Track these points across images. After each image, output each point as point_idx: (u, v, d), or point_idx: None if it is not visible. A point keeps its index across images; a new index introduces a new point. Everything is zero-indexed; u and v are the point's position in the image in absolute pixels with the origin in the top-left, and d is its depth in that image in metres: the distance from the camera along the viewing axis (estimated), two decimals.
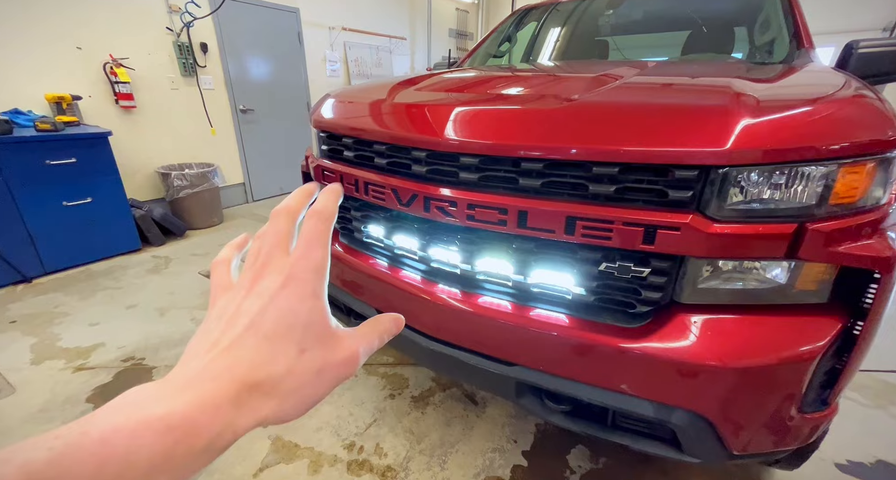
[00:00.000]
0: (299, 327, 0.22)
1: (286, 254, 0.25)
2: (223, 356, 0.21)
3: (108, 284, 2.53)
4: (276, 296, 0.23)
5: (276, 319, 0.22)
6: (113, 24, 3.07)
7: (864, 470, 1.29)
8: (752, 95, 0.80)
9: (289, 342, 0.22)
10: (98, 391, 1.63)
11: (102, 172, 2.72)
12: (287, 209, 0.27)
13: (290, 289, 0.23)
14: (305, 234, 0.25)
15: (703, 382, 0.81)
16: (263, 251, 0.25)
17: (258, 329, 0.22)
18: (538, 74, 1.31)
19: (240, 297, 0.24)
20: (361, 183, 1.12)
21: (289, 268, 0.24)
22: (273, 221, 0.27)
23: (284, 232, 0.26)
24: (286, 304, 0.23)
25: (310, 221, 0.26)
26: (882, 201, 0.75)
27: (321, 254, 0.25)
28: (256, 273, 0.24)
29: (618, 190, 0.79)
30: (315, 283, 0.24)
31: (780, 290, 0.81)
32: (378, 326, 0.28)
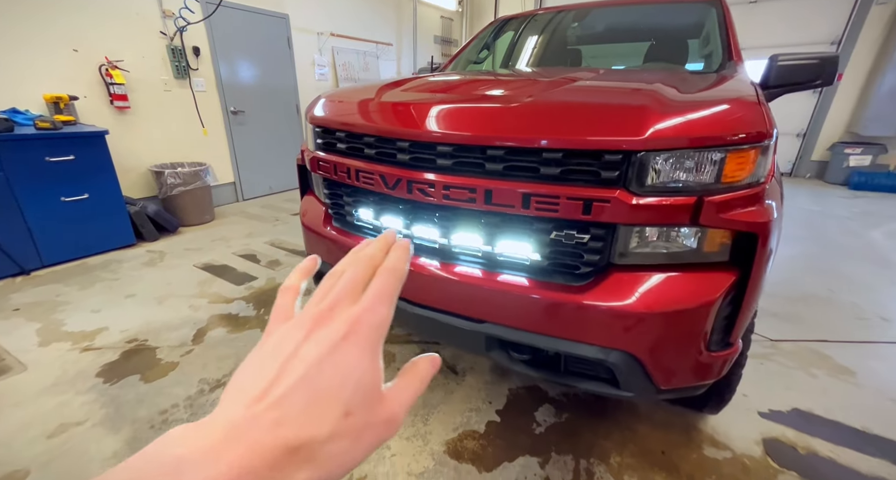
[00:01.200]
0: (350, 387, 0.21)
1: (354, 302, 0.24)
2: (271, 411, 0.19)
3: (105, 276, 2.63)
4: (336, 348, 0.22)
5: (331, 375, 0.21)
6: (108, 28, 3.18)
7: (780, 416, 1.51)
8: (667, 97, 1.01)
9: (337, 403, 0.21)
10: (107, 368, 1.76)
11: (99, 170, 2.82)
12: (370, 258, 0.27)
13: (350, 343, 0.22)
14: (376, 288, 0.25)
15: (632, 326, 1.01)
16: (333, 293, 0.25)
17: (311, 384, 0.20)
18: (506, 79, 1.51)
19: (299, 336, 0.23)
20: (353, 171, 1.30)
21: (354, 319, 0.23)
22: (353, 266, 0.27)
23: (360, 280, 0.26)
24: (343, 360, 0.22)
25: (383, 276, 0.26)
26: (761, 179, 0.96)
27: (387, 312, 0.25)
28: (321, 315, 0.24)
29: (562, 172, 0.99)
30: (375, 341, 0.23)
31: (692, 252, 1.02)
32: (418, 372, 0.27)
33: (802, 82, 1.61)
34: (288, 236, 3.41)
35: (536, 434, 1.48)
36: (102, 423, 1.48)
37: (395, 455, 1.38)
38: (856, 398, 1.61)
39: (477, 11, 7.55)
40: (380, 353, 0.24)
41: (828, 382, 1.70)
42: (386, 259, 0.28)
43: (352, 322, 0.23)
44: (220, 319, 2.16)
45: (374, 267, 0.27)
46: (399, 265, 0.27)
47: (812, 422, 1.49)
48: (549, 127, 0.99)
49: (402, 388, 0.25)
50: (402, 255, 0.28)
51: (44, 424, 1.46)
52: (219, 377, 1.72)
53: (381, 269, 0.27)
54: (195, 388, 1.66)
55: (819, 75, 1.59)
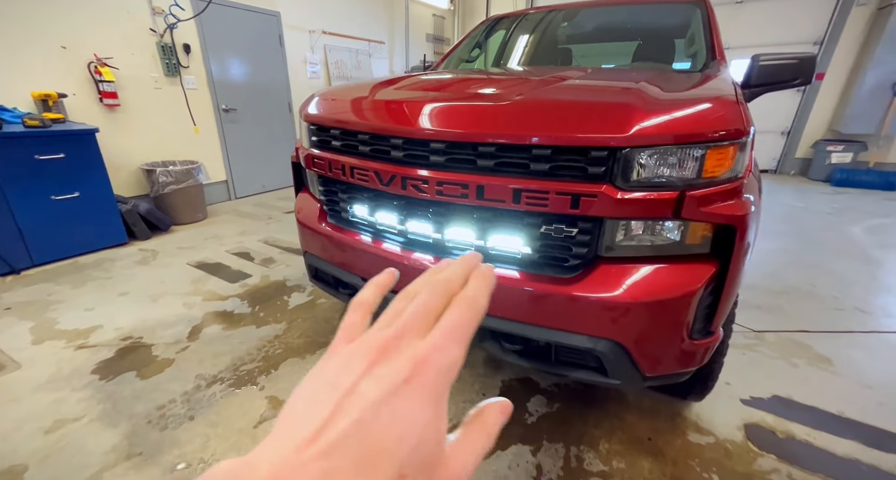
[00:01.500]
0: (409, 444, 0.18)
1: (423, 336, 0.22)
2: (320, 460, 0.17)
3: (97, 274, 2.62)
4: (397, 392, 0.19)
5: (388, 424, 0.18)
6: (97, 25, 3.15)
7: (761, 402, 1.58)
8: (651, 95, 1.06)
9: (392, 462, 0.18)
10: (102, 365, 1.76)
11: (90, 168, 2.80)
12: (446, 284, 0.24)
13: (413, 387, 0.19)
14: (450, 322, 0.22)
15: (618, 315, 1.05)
16: (402, 320, 0.22)
17: (365, 432, 0.18)
18: (498, 78, 1.55)
19: (360, 369, 0.20)
20: (347, 168, 1.33)
21: (420, 358, 0.20)
22: (428, 289, 0.24)
23: (433, 308, 0.23)
24: (404, 408, 0.19)
25: (460, 308, 0.23)
26: (739, 174, 1.01)
27: (459, 353, 0.21)
28: (386, 344, 0.21)
29: (551, 167, 1.03)
30: (444, 388, 0.20)
31: (675, 245, 1.06)
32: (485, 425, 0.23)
33: (783, 81, 1.67)
34: (281, 234, 3.41)
35: (528, 423, 1.52)
36: (100, 419, 1.49)
37: None
38: (833, 385, 1.68)
39: (469, 10, 7.58)
40: (446, 403, 0.20)
41: (808, 370, 1.77)
42: (465, 288, 0.24)
43: (417, 362, 0.20)
44: (215, 316, 2.17)
45: (451, 295, 0.24)
46: (480, 298, 0.24)
47: (791, 408, 1.56)
48: (538, 124, 1.03)
49: (467, 446, 0.21)
50: (484, 285, 0.25)
51: (40, 420, 1.46)
52: (215, 373, 1.74)
53: (459, 299, 0.23)
54: (192, 384, 1.68)
55: (798, 75, 1.65)
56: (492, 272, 0.26)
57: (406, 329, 0.22)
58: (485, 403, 0.24)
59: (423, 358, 0.20)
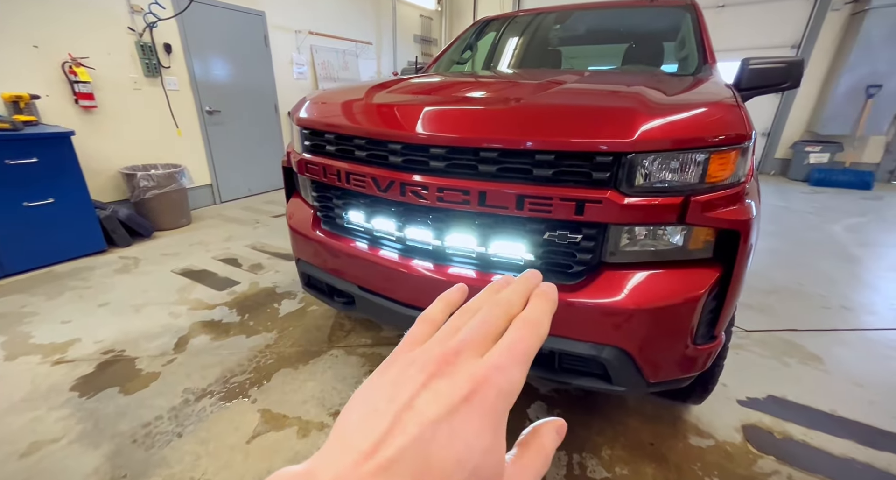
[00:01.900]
0: (468, 468, 0.18)
1: (482, 354, 0.21)
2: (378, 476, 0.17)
3: (75, 284, 2.50)
4: (456, 411, 0.18)
5: (446, 445, 0.18)
6: (71, 23, 3.02)
7: (757, 403, 1.59)
8: (654, 100, 1.05)
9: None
10: (81, 381, 1.67)
11: (65, 173, 2.68)
12: (508, 304, 0.23)
13: (472, 407, 0.19)
14: (511, 343, 0.21)
15: (623, 322, 1.04)
16: (462, 335, 0.22)
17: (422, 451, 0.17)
18: (495, 80, 1.53)
19: (418, 381, 0.20)
20: (343, 173, 1.29)
21: (480, 378, 0.19)
22: (490, 307, 0.23)
23: (494, 327, 0.22)
24: (462, 429, 0.18)
25: (522, 329, 0.22)
26: (741, 178, 1.01)
27: (519, 376, 0.20)
28: (445, 358, 0.20)
29: (555, 173, 1.01)
30: (502, 412, 0.20)
31: (678, 250, 1.06)
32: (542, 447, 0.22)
33: (772, 85, 1.69)
34: (270, 239, 3.33)
35: None
36: (80, 439, 1.41)
37: None
38: (825, 384, 1.71)
39: (456, 11, 7.57)
40: (504, 428, 0.19)
41: (800, 369, 1.80)
42: (527, 308, 0.23)
43: (477, 381, 0.19)
44: (203, 326, 2.09)
45: (511, 315, 0.23)
46: (543, 320, 0.23)
47: (786, 408, 1.57)
48: (542, 129, 1.01)
49: (522, 469, 0.21)
50: (547, 307, 0.24)
51: (15, 443, 1.38)
52: (204, 386, 1.67)
53: (521, 319, 0.22)
54: (179, 398, 1.60)
55: (787, 78, 1.68)
56: (554, 292, 0.25)
57: (466, 345, 0.21)
58: (540, 423, 0.23)
59: (483, 377, 0.19)
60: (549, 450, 0.22)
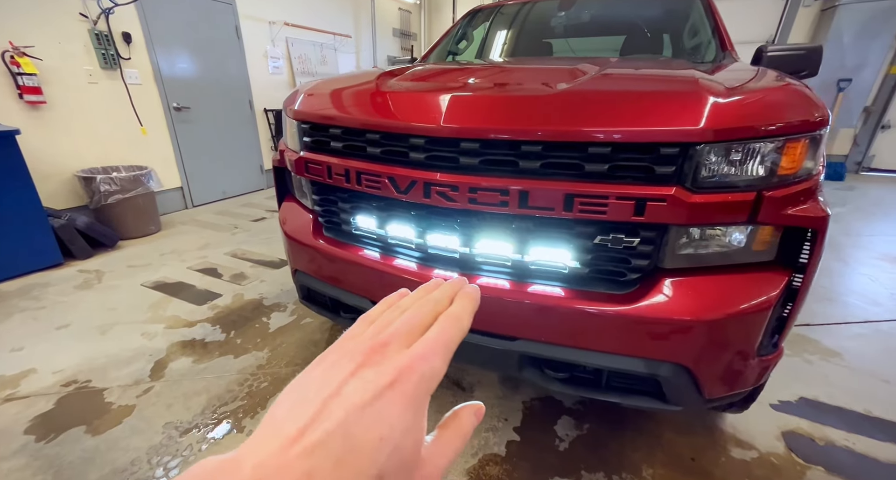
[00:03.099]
0: (389, 445, 0.19)
1: (408, 346, 0.23)
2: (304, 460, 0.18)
3: (26, 304, 2.19)
4: (381, 396, 0.20)
5: (370, 427, 0.19)
6: (12, 7, 2.66)
7: (791, 407, 1.53)
8: (719, 82, 0.93)
9: (371, 464, 0.19)
10: (38, 421, 1.42)
11: (10, 177, 2.35)
12: (435, 303, 0.25)
13: (397, 392, 0.20)
14: (434, 336, 0.23)
15: (686, 336, 0.92)
16: (391, 329, 0.24)
17: (349, 433, 0.19)
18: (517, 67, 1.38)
19: (348, 370, 0.21)
20: (353, 173, 1.11)
21: (404, 366, 0.21)
22: (419, 305, 0.25)
23: (421, 322, 0.24)
24: (386, 411, 0.20)
25: (444, 324, 0.24)
26: (814, 171, 0.91)
27: (441, 365, 0.22)
28: (373, 350, 0.22)
29: (610, 168, 0.87)
30: (424, 396, 0.21)
31: (741, 251, 0.95)
32: (460, 427, 0.24)
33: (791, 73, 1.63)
34: (251, 246, 3.07)
35: (561, 450, 1.37)
36: None
37: None
38: (852, 381, 1.67)
39: (435, 5, 7.38)
40: (425, 410, 0.22)
41: (823, 367, 1.75)
42: (452, 306, 0.26)
43: (402, 369, 0.21)
44: (183, 347, 1.85)
45: (437, 313, 0.25)
46: (464, 316, 0.25)
47: (821, 410, 1.51)
48: (596, 118, 0.87)
49: (442, 447, 0.23)
50: (469, 306, 0.26)
51: None
52: (189, 418, 1.46)
53: (445, 315, 0.25)
54: (160, 435, 1.38)
55: (806, 66, 1.62)
56: (477, 293, 0.28)
57: (394, 337, 0.23)
58: (459, 406, 0.25)
59: (408, 366, 0.21)
60: (467, 431, 0.24)
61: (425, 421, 0.21)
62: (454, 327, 0.24)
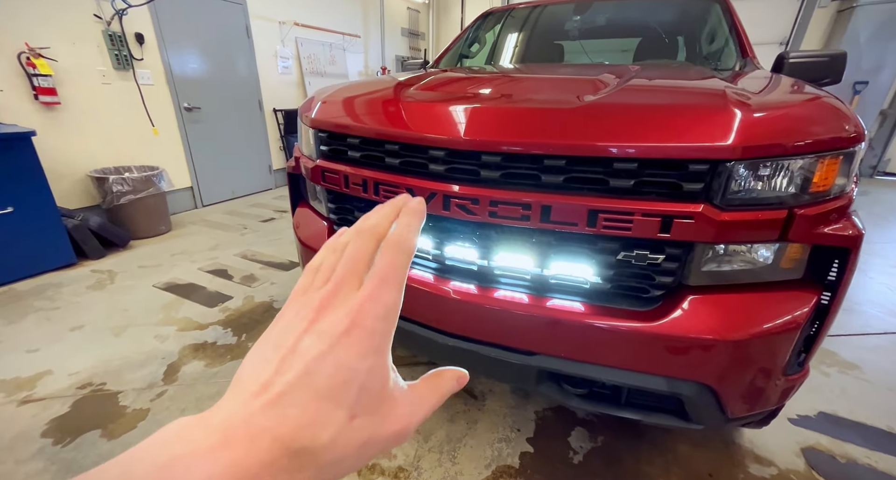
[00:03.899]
0: (355, 387, 0.20)
1: (358, 286, 0.22)
2: (270, 409, 0.19)
3: (40, 304, 2.22)
4: (338, 344, 0.20)
5: (332, 373, 0.20)
6: (28, 9, 2.68)
7: (810, 421, 1.50)
8: (747, 95, 0.90)
9: (340, 405, 0.20)
10: (55, 424, 1.43)
11: (26, 178, 2.37)
12: (373, 231, 0.24)
13: (354, 337, 0.20)
14: (380, 270, 0.22)
15: (710, 355, 0.90)
16: (337, 274, 0.23)
17: (311, 381, 0.19)
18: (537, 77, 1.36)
19: (301, 327, 0.21)
20: (370, 184, 1.10)
21: (356, 309, 0.21)
22: (356, 240, 0.24)
23: (363, 258, 0.23)
24: (346, 356, 0.20)
25: (387, 254, 0.23)
26: (848, 188, 0.88)
27: (394, 298, 0.22)
28: (324, 302, 0.22)
29: (636, 184, 0.86)
30: (382, 334, 0.21)
31: (768, 269, 0.92)
32: (441, 387, 0.24)
33: (812, 80, 1.59)
34: (260, 247, 3.08)
35: (575, 463, 1.36)
36: None
37: None
38: (871, 395, 1.63)
39: (444, 4, 7.35)
40: (388, 349, 0.22)
41: (841, 379, 1.72)
42: (393, 230, 0.24)
43: (354, 315, 0.21)
44: (195, 350, 1.86)
45: (379, 239, 0.24)
46: (405, 238, 0.23)
47: (840, 426, 1.48)
48: (622, 132, 0.85)
49: (419, 399, 0.24)
50: (412, 222, 0.24)
51: None
52: None
53: (386, 244, 0.23)
54: None
55: (828, 73, 1.58)
56: (421, 205, 0.25)
57: (341, 284, 0.22)
58: (445, 368, 0.26)
59: (359, 309, 0.21)
60: (445, 391, 0.25)
61: (389, 359, 0.22)
62: (398, 254, 0.23)
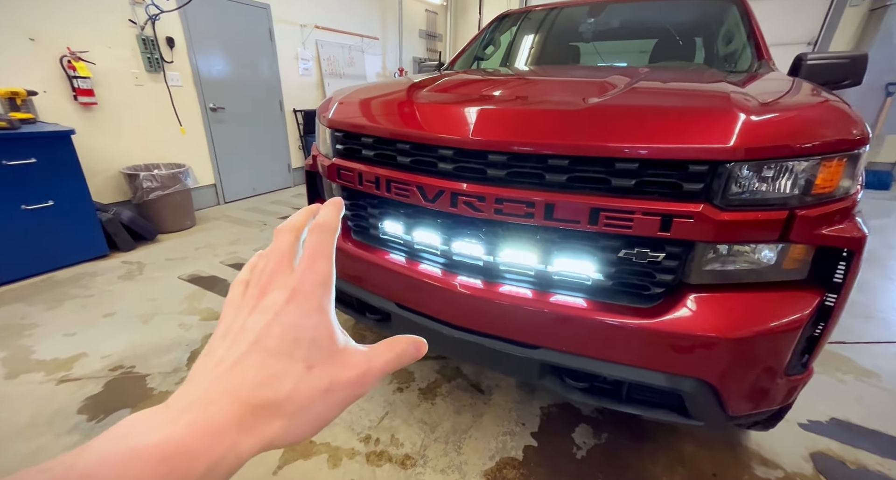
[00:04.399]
0: (305, 342, 0.22)
1: (290, 270, 0.25)
2: (226, 376, 0.20)
3: (76, 292, 2.36)
4: (282, 311, 0.22)
5: (281, 334, 0.22)
6: (69, 14, 2.86)
7: (821, 427, 1.48)
8: (751, 98, 0.92)
9: (294, 359, 0.21)
10: (90, 402, 1.54)
11: (65, 174, 2.53)
12: (291, 226, 0.27)
13: (295, 303, 0.23)
14: (309, 248, 0.25)
15: (710, 352, 0.92)
16: (268, 268, 0.25)
17: (263, 345, 0.21)
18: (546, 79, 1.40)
19: (244, 314, 0.23)
20: (383, 181, 1.16)
21: (294, 282, 0.23)
22: (277, 238, 0.26)
23: (287, 249, 0.26)
24: (292, 319, 0.22)
25: (313, 235, 0.25)
26: (852, 190, 0.89)
27: (326, 267, 0.25)
28: (261, 290, 0.24)
29: (637, 184, 0.88)
30: (321, 297, 0.24)
31: (771, 269, 0.93)
32: (396, 346, 0.26)
33: (831, 82, 1.57)
34: None
35: (579, 458, 1.38)
36: None
37: None
38: (888, 404, 1.60)
39: (462, 6, 7.39)
40: (330, 309, 0.24)
41: (857, 387, 1.69)
42: (316, 218, 0.27)
43: (293, 286, 0.23)
44: None
45: (297, 233, 0.27)
46: (328, 219, 0.26)
47: (853, 433, 1.46)
48: (624, 133, 0.88)
49: (374, 353, 0.25)
50: (332, 209, 0.27)
51: None
52: None
53: (312, 227, 0.26)
54: None
55: (848, 75, 1.56)
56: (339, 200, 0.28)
57: (273, 275, 0.25)
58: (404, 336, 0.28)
59: (298, 281, 0.24)
60: (400, 350, 0.26)
61: (333, 318, 0.24)
62: (322, 233, 0.26)
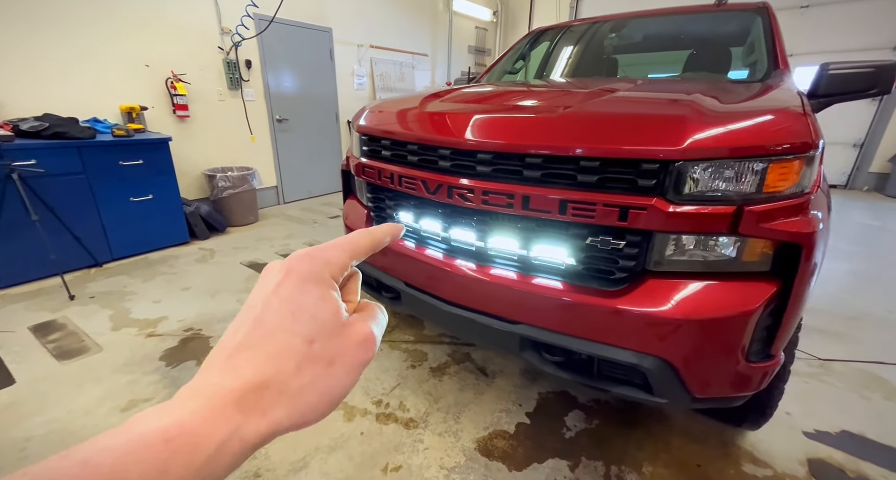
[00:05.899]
0: (305, 316, 0.22)
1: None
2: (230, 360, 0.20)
3: (164, 270, 2.87)
4: (277, 290, 0.23)
5: (278, 307, 0.22)
6: (174, 45, 3.50)
7: (828, 437, 1.45)
8: (707, 107, 1.03)
9: (294, 334, 0.21)
10: (168, 353, 1.93)
11: (162, 173, 3.09)
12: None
13: (290, 278, 0.23)
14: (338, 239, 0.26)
15: (667, 332, 1.02)
16: None
17: (262, 322, 0.21)
18: (545, 90, 1.56)
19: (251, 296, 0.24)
20: (396, 176, 1.39)
21: (293, 261, 0.24)
22: None
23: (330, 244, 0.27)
24: (286, 294, 0.22)
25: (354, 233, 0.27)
26: (805, 189, 0.96)
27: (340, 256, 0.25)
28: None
29: (599, 179, 1.03)
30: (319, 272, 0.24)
31: (731, 261, 1.02)
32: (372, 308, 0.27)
33: (855, 91, 1.56)
34: (324, 238, 3.57)
35: (566, 438, 1.49)
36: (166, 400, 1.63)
37: (428, 449, 1.44)
38: None
39: (511, 22, 7.64)
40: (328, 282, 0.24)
41: (883, 406, 1.60)
42: None
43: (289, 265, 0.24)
44: None
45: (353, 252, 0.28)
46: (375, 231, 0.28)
47: (864, 446, 1.41)
48: (587, 136, 1.03)
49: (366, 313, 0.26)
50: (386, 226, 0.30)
51: (117, 399, 1.63)
52: None
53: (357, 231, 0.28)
54: None
55: (874, 84, 1.53)
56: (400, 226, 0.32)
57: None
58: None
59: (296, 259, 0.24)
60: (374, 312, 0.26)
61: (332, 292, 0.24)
62: (361, 234, 0.27)
